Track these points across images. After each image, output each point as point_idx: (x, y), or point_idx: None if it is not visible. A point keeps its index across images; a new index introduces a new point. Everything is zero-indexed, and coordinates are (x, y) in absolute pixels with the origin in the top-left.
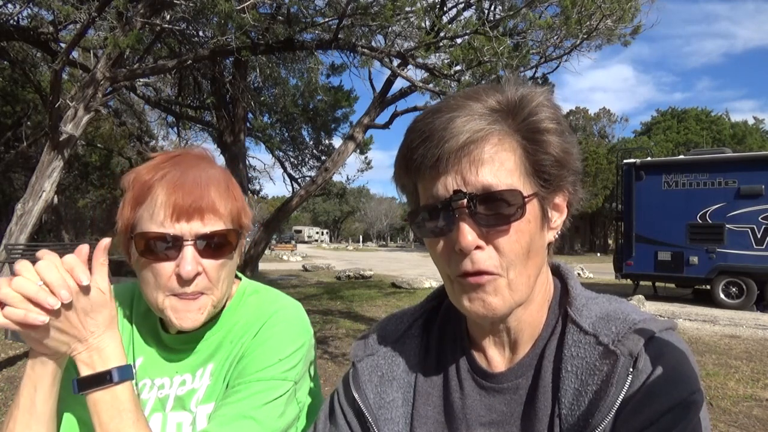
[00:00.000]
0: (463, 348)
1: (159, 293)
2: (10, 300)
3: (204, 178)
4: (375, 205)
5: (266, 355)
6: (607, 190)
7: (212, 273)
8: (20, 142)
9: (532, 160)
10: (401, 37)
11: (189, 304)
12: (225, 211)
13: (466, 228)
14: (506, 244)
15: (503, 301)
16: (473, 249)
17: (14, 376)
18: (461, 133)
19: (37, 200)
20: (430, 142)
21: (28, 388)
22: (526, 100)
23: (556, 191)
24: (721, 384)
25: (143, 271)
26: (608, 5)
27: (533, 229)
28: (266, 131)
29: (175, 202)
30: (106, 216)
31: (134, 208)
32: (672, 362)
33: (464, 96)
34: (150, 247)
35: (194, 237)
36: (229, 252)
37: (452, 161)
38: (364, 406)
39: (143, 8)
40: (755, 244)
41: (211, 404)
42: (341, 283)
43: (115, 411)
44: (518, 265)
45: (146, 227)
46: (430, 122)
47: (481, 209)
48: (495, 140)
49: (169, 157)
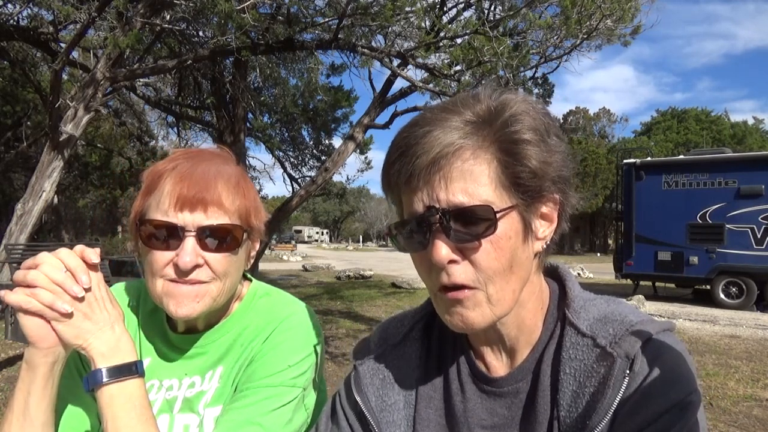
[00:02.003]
0: (463, 352)
1: (157, 279)
2: (40, 282)
3: (213, 171)
4: (375, 205)
5: (276, 360)
6: (607, 190)
7: (215, 266)
8: (20, 142)
9: (508, 172)
10: (401, 37)
11: (186, 291)
12: (232, 206)
13: (439, 243)
14: (482, 260)
15: (482, 316)
16: (447, 263)
17: (14, 376)
18: (432, 148)
19: (37, 200)
20: (405, 158)
21: (21, 392)
22: (503, 109)
23: (538, 201)
24: (721, 384)
25: (146, 259)
26: (608, 5)
27: (514, 244)
28: (266, 131)
29: (180, 192)
30: (106, 216)
31: (144, 196)
32: (669, 363)
33: (441, 109)
34: (153, 235)
35: (196, 228)
36: (233, 248)
37: (423, 177)
38: (365, 409)
39: (143, 8)
40: (755, 244)
41: (219, 407)
42: (341, 283)
43: (131, 405)
44: (498, 280)
45: (152, 215)
46: (406, 137)
47: (453, 225)
48: (467, 155)
49: (186, 152)
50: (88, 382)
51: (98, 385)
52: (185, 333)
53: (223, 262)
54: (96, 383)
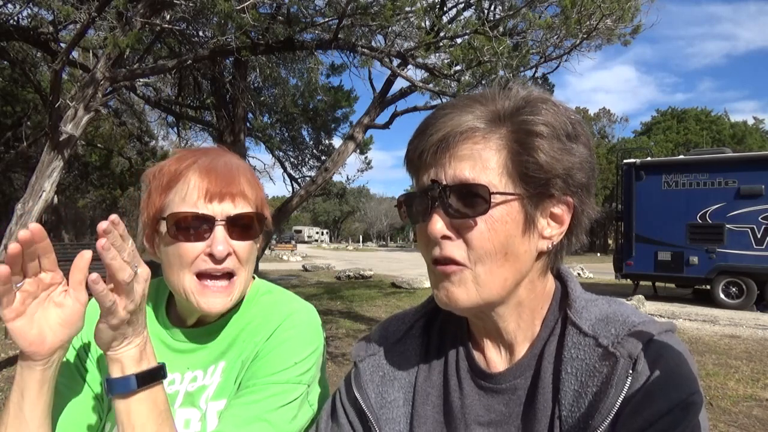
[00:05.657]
0: (463, 348)
1: (185, 274)
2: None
3: (234, 164)
4: (375, 205)
5: (281, 357)
6: (607, 190)
7: (242, 254)
8: (20, 142)
9: (516, 160)
10: (401, 37)
11: (214, 290)
12: (253, 197)
13: (436, 217)
14: (475, 239)
15: (467, 294)
16: (440, 238)
17: (14, 377)
18: (446, 128)
19: (37, 200)
20: (422, 135)
21: (16, 394)
22: (525, 104)
23: (547, 199)
24: (721, 384)
25: (170, 254)
26: (608, 5)
27: (511, 230)
28: (266, 131)
29: (208, 185)
30: (106, 216)
31: (163, 194)
32: (671, 364)
33: (469, 97)
34: (181, 227)
35: (225, 218)
36: (255, 235)
37: (431, 153)
38: (365, 406)
39: (143, 8)
40: (755, 244)
41: (222, 401)
42: (341, 283)
43: (157, 411)
44: (488, 262)
45: (178, 209)
46: (431, 117)
47: (452, 201)
48: (478, 137)
49: (195, 150)
50: (114, 388)
51: (129, 392)
52: (189, 327)
53: (247, 249)
54: (127, 390)
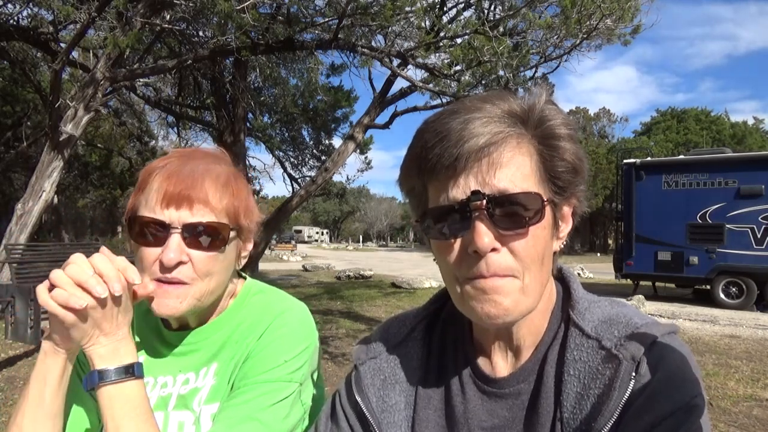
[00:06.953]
0: (465, 352)
1: (145, 277)
2: (60, 282)
3: (201, 169)
4: (375, 205)
5: (272, 356)
6: (607, 190)
7: (199, 265)
8: (20, 142)
9: (547, 165)
10: (401, 37)
11: (168, 291)
12: (219, 205)
13: (483, 229)
14: (523, 248)
15: (516, 305)
16: (489, 251)
17: (14, 376)
18: (482, 134)
19: (37, 200)
20: (448, 142)
21: (38, 381)
22: (540, 105)
23: (567, 199)
24: (721, 384)
25: (136, 256)
26: (608, 5)
27: (547, 235)
28: (266, 131)
29: (166, 189)
30: (106, 216)
31: (136, 194)
32: (674, 366)
33: (480, 99)
34: (142, 232)
35: (182, 225)
36: (219, 246)
37: (471, 162)
38: (366, 409)
39: (143, 8)
40: (755, 244)
41: (216, 404)
42: (341, 283)
43: (130, 406)
44: (534, 270)
45: (141, 212)
46: (447, 122)
47: (498, 212)
48: (513, 143)
49: (179, 151)
50: (87, 383)
51: (95, 386)
52: (178, 330)
53: (208, 261)
54: (93, 384)
